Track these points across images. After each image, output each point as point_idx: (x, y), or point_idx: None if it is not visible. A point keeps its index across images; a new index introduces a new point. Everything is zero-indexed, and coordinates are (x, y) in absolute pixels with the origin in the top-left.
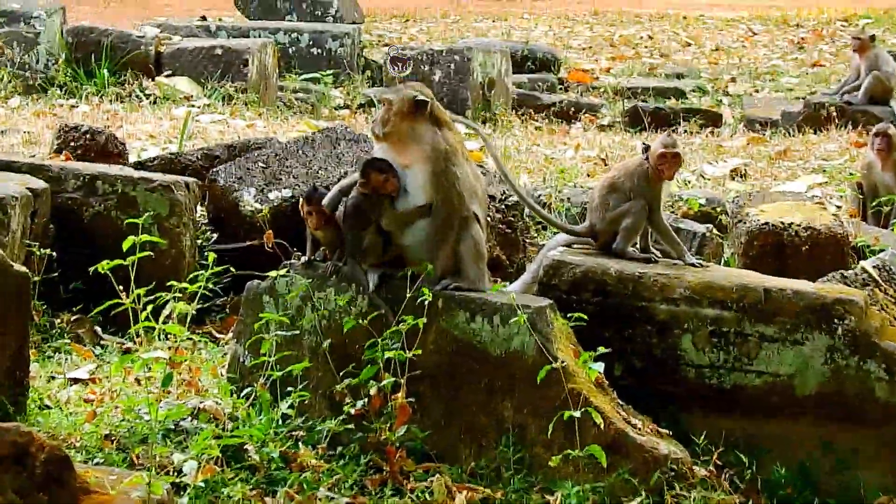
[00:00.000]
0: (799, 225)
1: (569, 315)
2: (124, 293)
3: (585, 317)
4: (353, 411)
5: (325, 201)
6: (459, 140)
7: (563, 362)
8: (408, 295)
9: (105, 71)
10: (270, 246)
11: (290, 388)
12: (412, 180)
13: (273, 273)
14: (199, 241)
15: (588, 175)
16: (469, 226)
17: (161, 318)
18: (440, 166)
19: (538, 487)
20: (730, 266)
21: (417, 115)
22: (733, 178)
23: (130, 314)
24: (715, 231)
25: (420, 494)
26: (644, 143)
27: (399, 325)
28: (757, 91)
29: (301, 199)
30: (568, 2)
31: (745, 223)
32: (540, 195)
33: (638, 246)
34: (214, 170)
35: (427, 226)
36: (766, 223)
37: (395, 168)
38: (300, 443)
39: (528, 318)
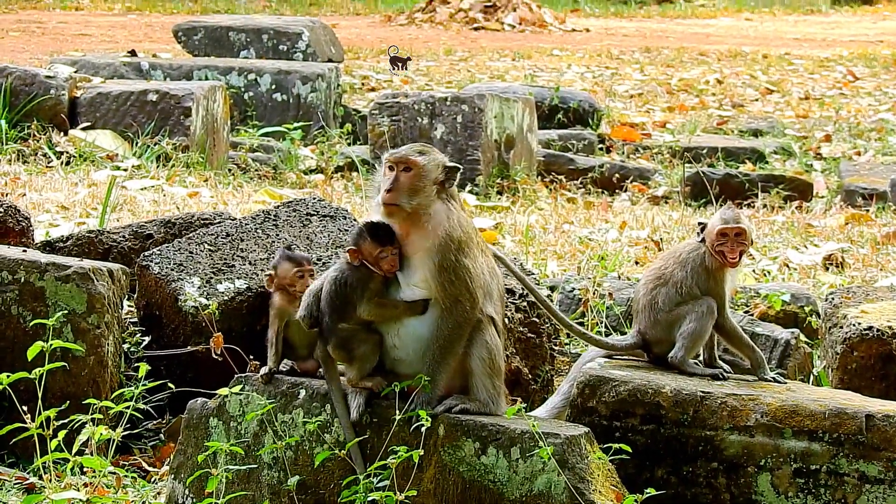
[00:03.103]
0: None
1: (610, 446)
2: (28, 415)
3: (630, 449)
4: None
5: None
6: (472, 223)
7: None
8: (396, 417)
9: (2, 122)
10: (219, 353)
11: None
12: (411, 271)
13: (223, 390)
14: (126, 347)
15: (637, 263)
16: (482, 331)
17: (76, 447)
18: (449, 259)
19: None
20: (821, 384)
21: (441, 187)
22: (827, 269)
23: (36, 441)
24: (803, 338)
25: None
26: (700, 222)
27: (388, 459)
28: (859, 153)
29: (268, 273)
30: (611, 34)
31: (842, 328)
32: (573, 290)
33: (702, 357)
34: (147, 253)
35: (428, 331)
36: (870, 328)
37: (398, 240)
38: None
39: (555, 451)
